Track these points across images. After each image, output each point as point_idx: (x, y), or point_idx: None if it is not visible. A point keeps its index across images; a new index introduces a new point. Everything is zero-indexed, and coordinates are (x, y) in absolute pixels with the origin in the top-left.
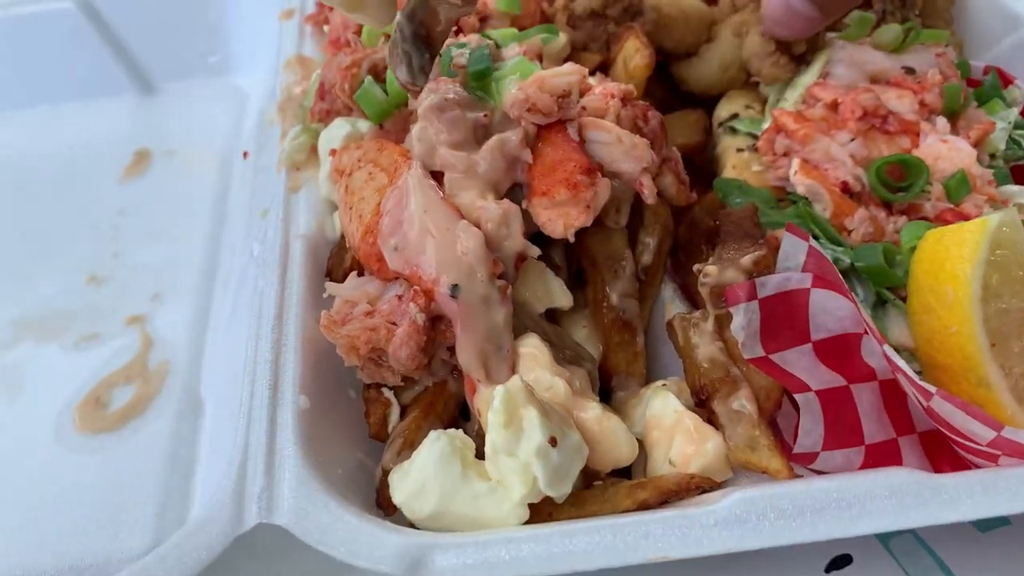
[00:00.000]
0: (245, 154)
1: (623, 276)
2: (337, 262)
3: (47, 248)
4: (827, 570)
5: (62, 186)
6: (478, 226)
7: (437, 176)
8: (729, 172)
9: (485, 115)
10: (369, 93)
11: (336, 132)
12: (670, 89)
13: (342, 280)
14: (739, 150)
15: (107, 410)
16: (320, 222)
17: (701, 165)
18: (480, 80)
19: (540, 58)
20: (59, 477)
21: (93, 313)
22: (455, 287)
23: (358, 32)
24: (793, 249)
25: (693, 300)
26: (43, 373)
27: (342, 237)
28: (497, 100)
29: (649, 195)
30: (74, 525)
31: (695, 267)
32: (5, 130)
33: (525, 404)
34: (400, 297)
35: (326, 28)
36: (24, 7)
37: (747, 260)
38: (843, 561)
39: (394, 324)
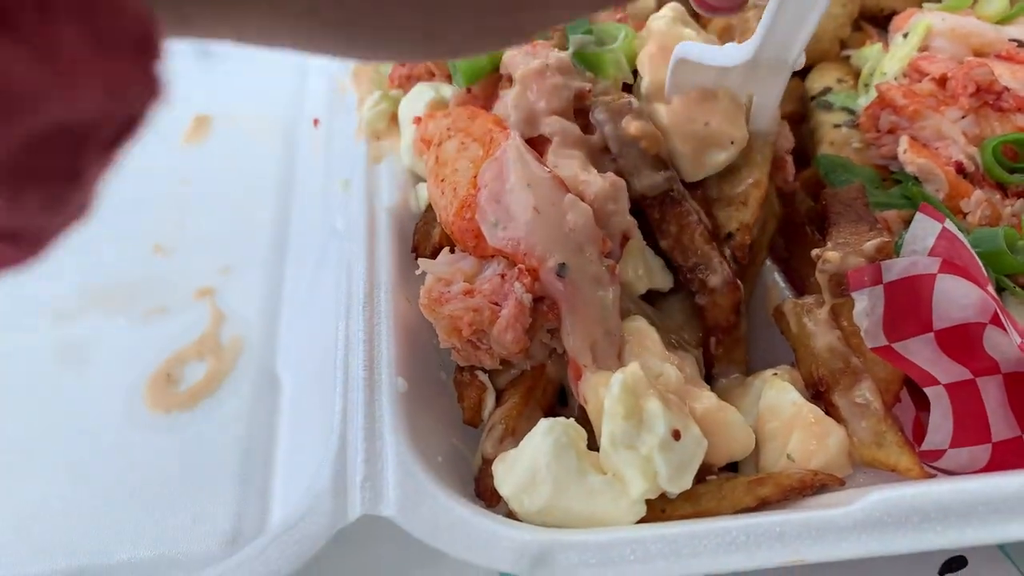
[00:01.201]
0: (315, 121)
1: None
2: (424, 236)
3: (109, 215)
4: (941, 572)
5: (123, 151)
6: (583, 199)
7: (534, 144)
8: (826, 149)
9: (589, 89)
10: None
11: (418, 99)
12: None
13: (430, 255)
14: (836, 126)
15: (179, 387)
16: (404, 194)
17: (797, 139)
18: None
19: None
20: (133, 458)
21: (160, 285)
22: (563, 266)
23: None
24: (923, 231)
25: (796, 284)
26: (110, 347)
27: (427, 209)
28: (605, 72)
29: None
30: (152, 510)
31: (813, 252)
32: None
33: (646, 394)
34: (503, 276)
35: None
36: None
37: (870, 247)
38: (958, 563)
39: (497, 305)
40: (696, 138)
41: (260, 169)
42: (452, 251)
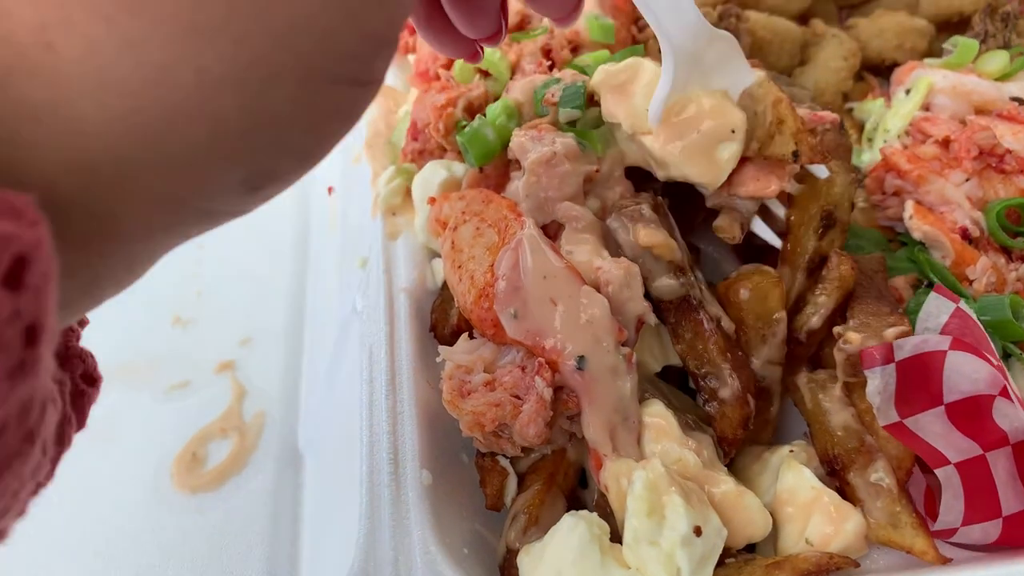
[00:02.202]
0: (330, 189)
1: (772, 342)
2: (441, 316)
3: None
4: None
5: None
6: (598, 287)
7: (547, 230)
8: None
9: (596, 169)
10: (479, 134)
11: (432, 177)
12: None
13: (447, 337)
14: None
15: (205, 466)
16: (420, 272)
17: None
18: (575, 123)
19: None
20: (161, 539)
21: (182, 358)
22: (581, 359)
23: (447, 66)
24: (938, 309)
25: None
26: (135, 424)
27: (444, 288)
28: (599, 149)
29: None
30: None
31: (835, 330)
32: None
33: (668, 490)
34: (523, 369)
35: (410, 57)
36: None
37: (891, 333)
38: None
39: (518, 398)
40: (698, 148)
41: (275, 233)
42: (471, 335)
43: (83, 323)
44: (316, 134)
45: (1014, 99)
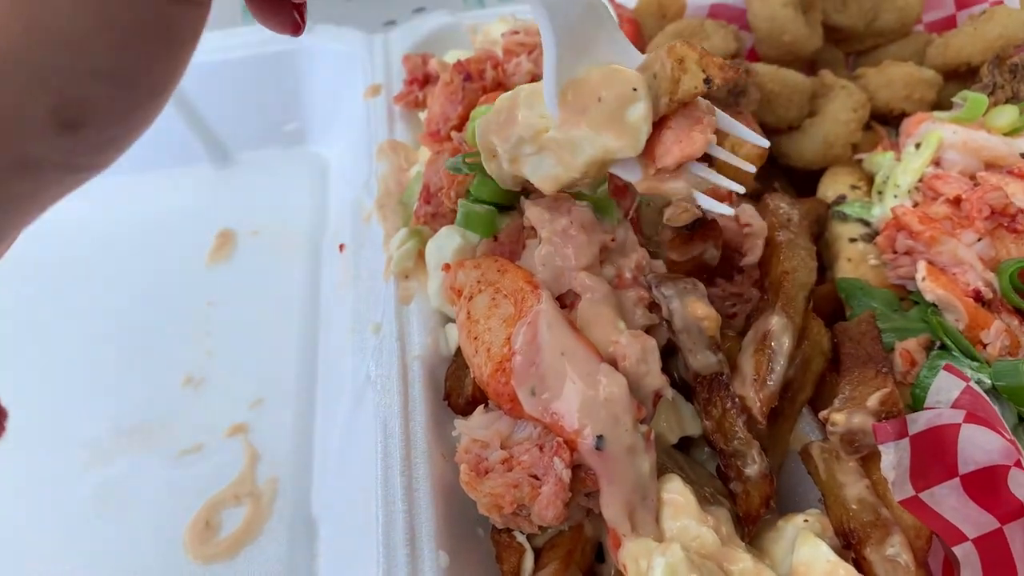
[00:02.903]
0: (341, 247)
1: (770, 379)
2: (455, 384)
3: (140, 344)
4: None
5: (147, 269)
6: (614, 361)
7: (563, 300)
8: (844, 265)
9: (612, 238)
10: (471, 215)
11: (446, 243)
12: (768, 162)
13: (462, 406)
14: (852, 240)
15: (218, 535)
16: (434, 337)
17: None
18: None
19: None
20: None
21: (193, 421)
22: (600, 439)
23: (458, 127)
24: (948, 385)
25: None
26: (148, 490)
27: (457, 355)
28: (614, 218)
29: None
30: None
31: (820, 415)
32: (78, 203)
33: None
34: (540, 448)
35: (421, 115)
36: None
37: (874, 401)
38: None
39: (536, 478)
40: (605, 117)
41: (286, 288)
42: (486, 406)
43: None
44: (123, 53)
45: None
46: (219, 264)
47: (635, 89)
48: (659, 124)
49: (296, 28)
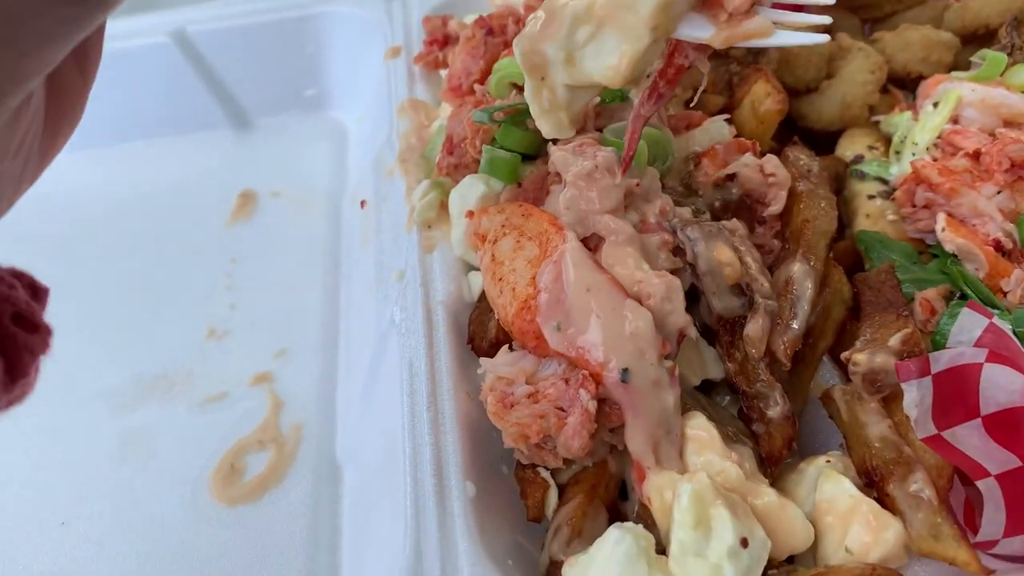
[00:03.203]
0: (363, 203)
1: (793, 323)
2: (479, 328)
3: (163, 299)
4: None
5: (169, 230)
6: (639, 300)
7: (587, 243)
8: (862, 221)
9: (637, 183)
10: (496, 161)
11: (470, 191)
12: (785, 124)
13: (486, 349)
14: (870, 197)
15: (243, 478)
16: (457, 285)
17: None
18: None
19: None
20: (201, 552)
21: (217, 371)
22: (625, 371)
23: (481, 80)
24: (971, 324)
25: (841, 365)
26: (173, 437)
27: (480, 299)
28: (640, 163)
29: None
30: None
31: (842, 356)
32: (102, 167)
33: (714, 503)
34: (566, 381)
35: (441, 73)
36: (118, 42)
37: (895, 341)
38: None
39: (562, 410)
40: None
41: (307, 245)
42: (510, 347)
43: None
44: None
45: None
46: (241, 223)
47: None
48: None
49: None
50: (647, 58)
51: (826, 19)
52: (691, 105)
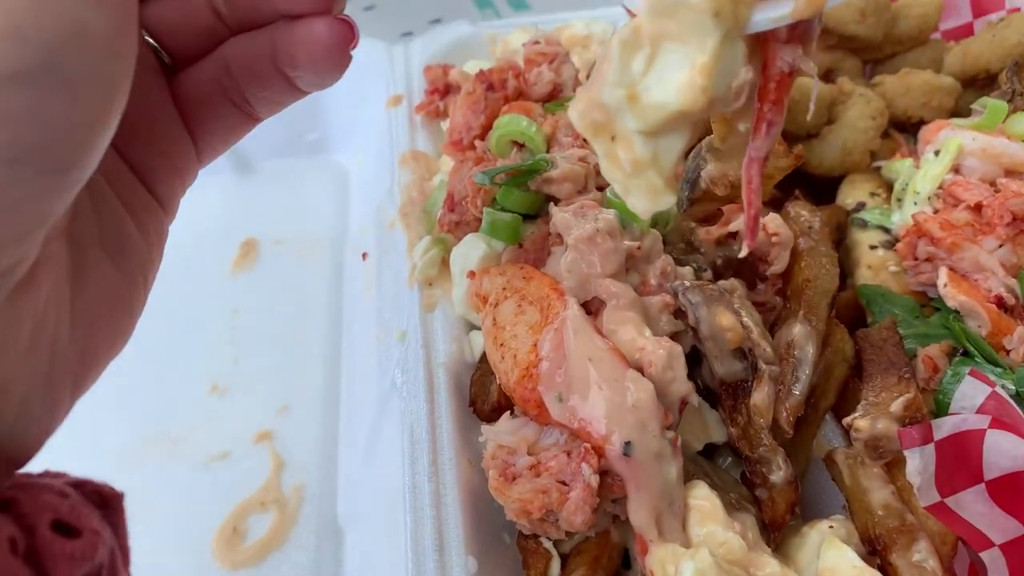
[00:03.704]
0: (364, 255)
1: (795, 388)
2: (481, 390)
3: (167, 353)
4: None
5: (172, 281)
6: (640, 368)
7: (588, 307)
8: (864, 272)
9: (638, 246)
10: (497, 223)
11: (471, 251)
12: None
13: (487, 412)
14: (872, 247)
15: (245, 541)
16: (459, 345)
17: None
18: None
19: None
20: None
21: (219, 428)
22: (628, 445)
23: (482, 135)
24: (973, 391)
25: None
26: (175, 497)
27: (482, 361)
28: (642, 225)
29: None
30: None
31: (844, 421)
32: None
33: None
34: (568, 453)
35: (442, 124)
36: None
37: (897, 406)
38: None
39: (564, 484)
40: None
41: (310, 296)
42: (512, 412)
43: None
44: None
45: None
46: (243, 272)
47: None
48: None
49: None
50: (726, 62)
51: None
52: None
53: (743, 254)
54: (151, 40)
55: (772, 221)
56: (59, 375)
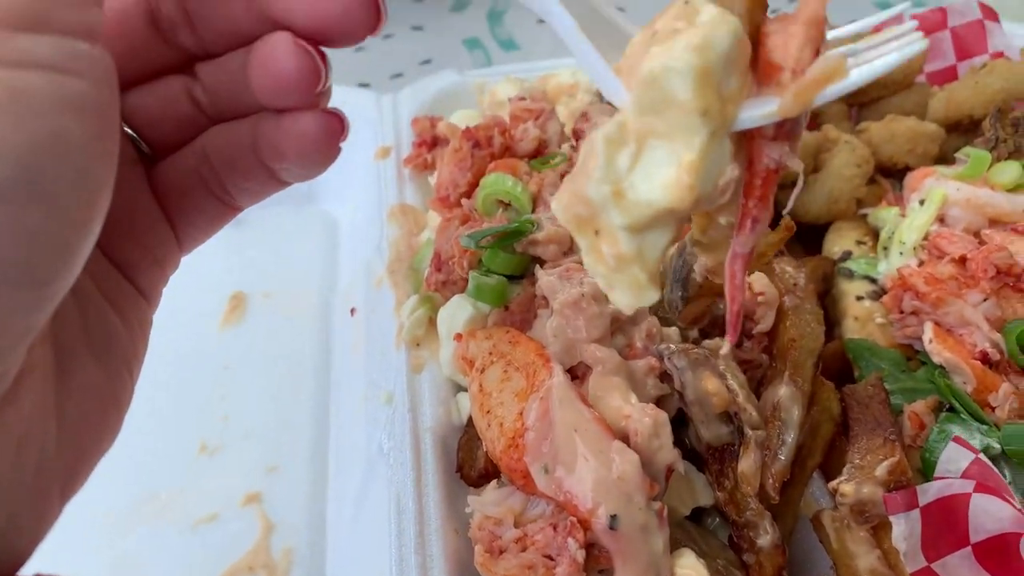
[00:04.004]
0: (352, 311)
1: (781, 453)
2: (468, 455)
3: (157, 411)
4: None
5: (163, 336)
6: (626, 436)
7: (574, 371)
8: (851, 324)
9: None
10: (483, 288)
11: (457, 313)
12: (774, 217)
13: (474, 479)
14: (859, 297)
15: None
16: (446, 407)
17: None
18: None
19: None
20: None
21: (208, 489)
22: (613, 518)
23: (468, 192)
24: (957, 456)
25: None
26: (164, 562)
27: (469, 425)
28: None
29: None
30: None
31: (829, 486)
32: None
33: None
34: (554, 527)
35: (430, 179)
36: None
37: (882, 471)
38: None
39: (550, 558)
40: (671, 31)
41: (299, 352)
42: (499, 479)
43: None
44: None
45: None
46: (233, 327)
47: (686, 2)
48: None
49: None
50: (713, 160)
51: (918, 38)
52: None
53: (725, 351)
54: (129, 131)
55: (758, 280)
56: (47, 484)
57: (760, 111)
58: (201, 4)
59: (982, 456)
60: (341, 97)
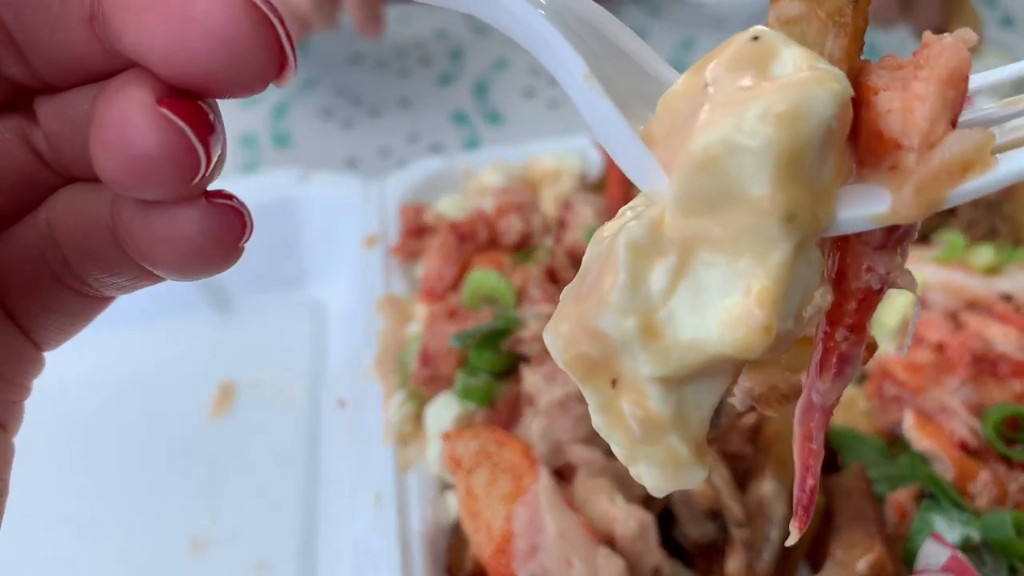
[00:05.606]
0: (341, 403)
1: (765, 551)
2: (456, 559)
3: (145, 507)
4: None
5: (149, 429)
6: (612, 539)
7: (561, 472)
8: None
9: None
10: (469, 389)
11: (445, 411)
12: None
13: None
14: None
15: None
16: (434, 507)
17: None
18: None
19: None
20: None
21: None
22: None
23: (455, 285)
24: (935, 552)
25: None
26: None
27: (457, 526)
28: None
29: None
30: None
31: None
32: (77, 360)
33: None
34: None
35: (416, 269)
36: None
37: (863, 566)
38: None
39: None
40: (736, 89)
41: (287, 444)
42: None
43: None
44: None
45: (1004, 295)
46: (221, 418)
47: (755, 38)
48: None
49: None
50: (797, 283)
51: None
52: None
53: (791, 542)
54: None
55: None
56: None
57: (866, 211)
58: (24, 29)
59: (959, 553)
60: (327, 184)
